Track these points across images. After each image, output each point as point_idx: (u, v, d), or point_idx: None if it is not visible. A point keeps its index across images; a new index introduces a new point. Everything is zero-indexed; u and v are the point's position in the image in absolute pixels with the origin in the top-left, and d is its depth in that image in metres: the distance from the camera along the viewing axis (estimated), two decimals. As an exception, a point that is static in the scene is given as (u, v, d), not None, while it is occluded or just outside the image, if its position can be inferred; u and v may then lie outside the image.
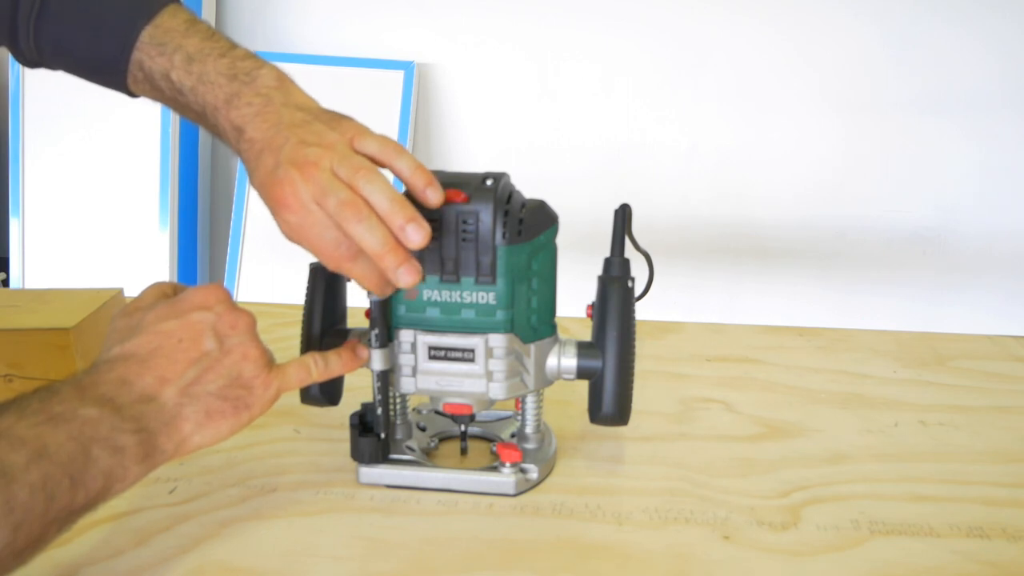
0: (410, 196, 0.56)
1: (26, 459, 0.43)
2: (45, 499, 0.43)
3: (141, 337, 0.53)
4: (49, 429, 0.45)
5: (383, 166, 0.55)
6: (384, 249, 0.52)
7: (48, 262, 2.07)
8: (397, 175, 0.56)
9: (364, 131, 0.56)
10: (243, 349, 0.55)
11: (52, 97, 2.01)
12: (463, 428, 0.68)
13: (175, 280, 2.05)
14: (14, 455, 0.42)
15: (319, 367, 0.58)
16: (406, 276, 0.53)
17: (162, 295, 0.58)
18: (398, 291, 0.60)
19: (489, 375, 0.60)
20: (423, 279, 0.55)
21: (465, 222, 0.58)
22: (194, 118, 0.61)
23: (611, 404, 0.61)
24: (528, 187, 0.62)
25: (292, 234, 0.54)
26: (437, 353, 0.61)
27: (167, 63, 0.59)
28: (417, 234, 0.53)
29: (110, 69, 0.62)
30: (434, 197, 0.56)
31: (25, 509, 0.42)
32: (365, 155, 0.55)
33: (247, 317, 0.56)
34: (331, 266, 0.55)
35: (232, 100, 0.57)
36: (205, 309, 0.55)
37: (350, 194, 0.52)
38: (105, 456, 0.46)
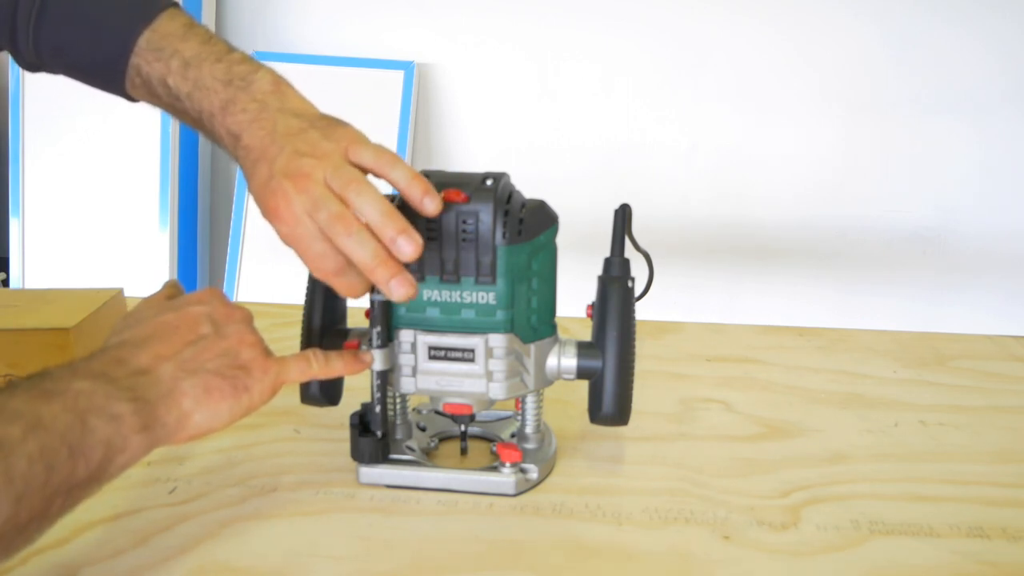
0: (405, 207, 0.56)
1: (22, 431, 0.42)
2: (44, 470, 0.43)
3: (137, 328, 0.54)
4: (43, 402, 0.44)
5: (379, 176, 0.55)
6: (375, 262, 0.52)
7: (48, 262, 2.06)
8: (393, 185, 0.55)
9: (360, 140, 0.55)
10: (240, 335, 0.55)
11: (52, 97, 2.01)
12: (463, 428, 0.68)
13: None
14: (10, 428, 0.42)
15: (319, 362, 0.58)
16: (398, 289, 0.53)
17: (163, 296, 0.59)
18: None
19: (489, 375, 0.60)
20: (417, 293, 0.55)
21: (465, 222, 0.57)
22: (192, 123, 0.61)
23: (611, 404, 0.61)
24: (528, 187, 0.62)
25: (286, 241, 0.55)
26: (437, 353, 0.61)
27: (164, 68, 0.59)
28: (408, 246, 0.52)
29: (109, 73, 0.61)
30: (431, 206, 0.55)
31: (25, 480, 0.42)
32: (360, 165, 0.54)
33: (244, 311, 0.57)
34: (319, 276, 0.54)
35: (228, 106, 0.57)
36: (201, 304, 0.56)
37: (340, 207, 0.52)
38: (102, 425, 0.46)
